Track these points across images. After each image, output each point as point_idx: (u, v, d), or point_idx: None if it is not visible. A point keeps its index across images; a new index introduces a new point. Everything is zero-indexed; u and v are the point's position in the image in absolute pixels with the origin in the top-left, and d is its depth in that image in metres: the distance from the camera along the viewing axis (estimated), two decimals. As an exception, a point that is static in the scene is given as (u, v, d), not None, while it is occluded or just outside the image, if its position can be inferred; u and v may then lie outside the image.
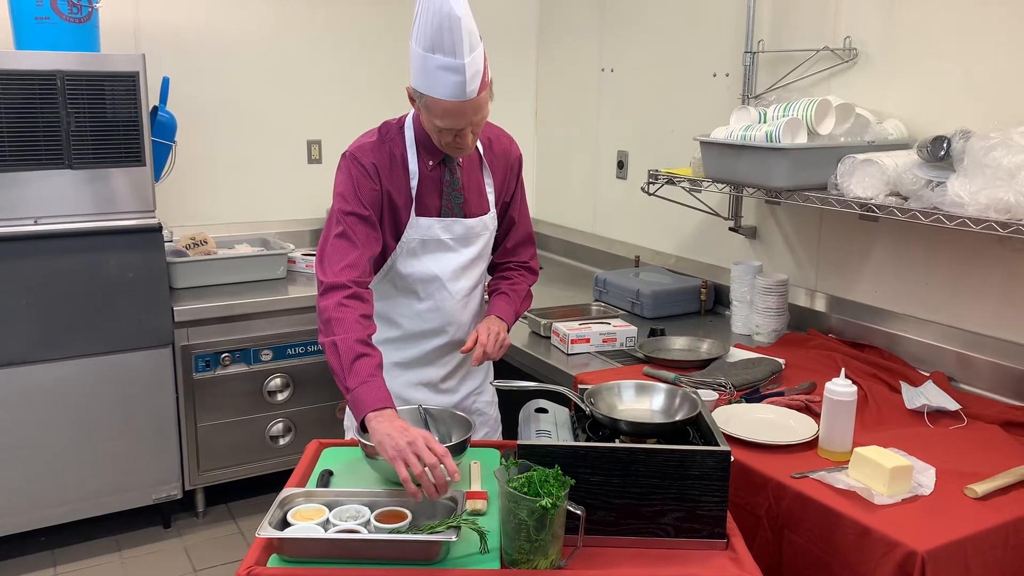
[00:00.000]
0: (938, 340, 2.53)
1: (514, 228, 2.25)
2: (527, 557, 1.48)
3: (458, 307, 2.14)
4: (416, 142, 2.04)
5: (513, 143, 2.21)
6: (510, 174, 2.19)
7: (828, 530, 1.75)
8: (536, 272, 2.32)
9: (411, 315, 2.12)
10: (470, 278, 2.15)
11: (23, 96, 2.80)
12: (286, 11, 3.81)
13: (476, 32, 1.84)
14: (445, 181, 2.06)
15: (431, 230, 2.06)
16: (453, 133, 1.92)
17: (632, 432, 1.69)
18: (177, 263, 3.34)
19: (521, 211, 2.26)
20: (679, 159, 3.24)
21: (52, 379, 3.01)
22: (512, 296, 2.20)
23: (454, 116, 1.87)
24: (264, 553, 1.52)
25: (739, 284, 2.95)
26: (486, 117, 1.95)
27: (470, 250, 2.12)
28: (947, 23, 2.45)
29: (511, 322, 2.17)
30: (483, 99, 1.88)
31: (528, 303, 2.28)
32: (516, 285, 2.24)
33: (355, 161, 2.00)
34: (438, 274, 2.09)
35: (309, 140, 3.97)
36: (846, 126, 2.56)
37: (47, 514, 3.10)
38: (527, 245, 2.30)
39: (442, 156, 2.04)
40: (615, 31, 3.74)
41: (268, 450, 3.44)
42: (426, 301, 2.11)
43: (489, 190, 2.14)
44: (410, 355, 2.15)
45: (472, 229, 2.11)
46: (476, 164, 2.13)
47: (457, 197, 2.08)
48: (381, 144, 2.03)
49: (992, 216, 2.04)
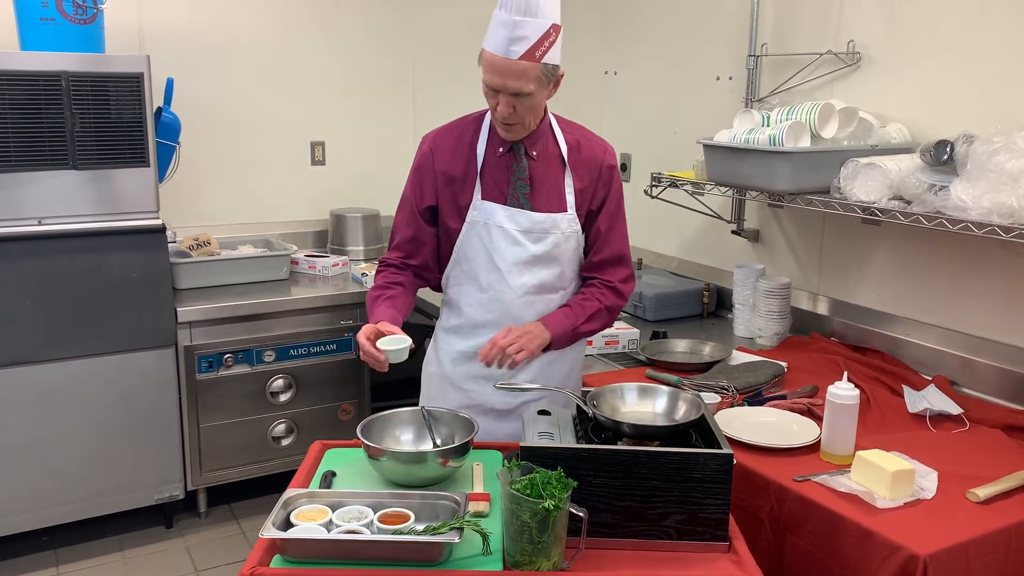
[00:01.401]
0: (940, 344, 2.53)
1: (600, 240, 2.12)
2: (529, 559, 1.48)
3: (519, 303, 2.08)
4: (491, 127, 2.08)
5: (607, 152, 2.14)
6: (599, 182, 2.10)
7: (830, 533, 1.75)
8: (623, 295, 2.14)
9: (473, 303, 2.11)
10: (535, 276, 2.07)
11: (28, 97, 2.81)
12: (290, 12, 3.82)
13: (549, 9, 1.90)
14: (512, 169, 2.07)
15: (494, 216, 2.05)
16: (496, 99, 1.94)
17: (635, 434, 1.69)
18: (180, 264, 3.35)
19: (612, 226, 2.13)
20: (682, 162, 3.24)
21: (55, 379, 3.02)
22: (575, 310, 2.07)
23: (493, 72, 1.89)
24: (267, 554, 1.53)
25: (741, 287, 2.95)
26: (531, 96, 1.92)
27: (537, 247, 2.06)
28: (950, 27, 2.45)
29: (561, 335, 2.04)
30: (526, 69, 1.87)
31: (599, 323, 2.11)
32: (586, 301, 2.09)
33: (421, 143, 2.14)
34: (498, 264, 2.07)
35: (313, 141, 3.98)
36: (849, 130, 2.56)
37: (50, 514, 3.10)
38: (616, 266, 2.14)
39: (511, 144, 2.06)
40: (618, 34, 3.74)
41: (270, 451, 3.45)
42: (487, 291, 2.09)
43: (568, 191, 2.08)
44: (471, 345, 2.12)
45: (539, 224, 2.06)
46: (555, 161, 2.09)
47: (523, 187, 2.06)
48: (453, 127, 2.13)
49: (995, 220, 2.05)
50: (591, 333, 2.14)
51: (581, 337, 2.12)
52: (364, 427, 1.82)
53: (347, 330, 3.48)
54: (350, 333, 3.47)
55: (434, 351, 2.25)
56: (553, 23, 1.90)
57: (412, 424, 1.90)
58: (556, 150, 2.10)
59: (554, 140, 2.10)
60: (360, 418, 2.58)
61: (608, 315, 2.13)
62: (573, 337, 2.08)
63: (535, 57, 1.88)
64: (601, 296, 2.11)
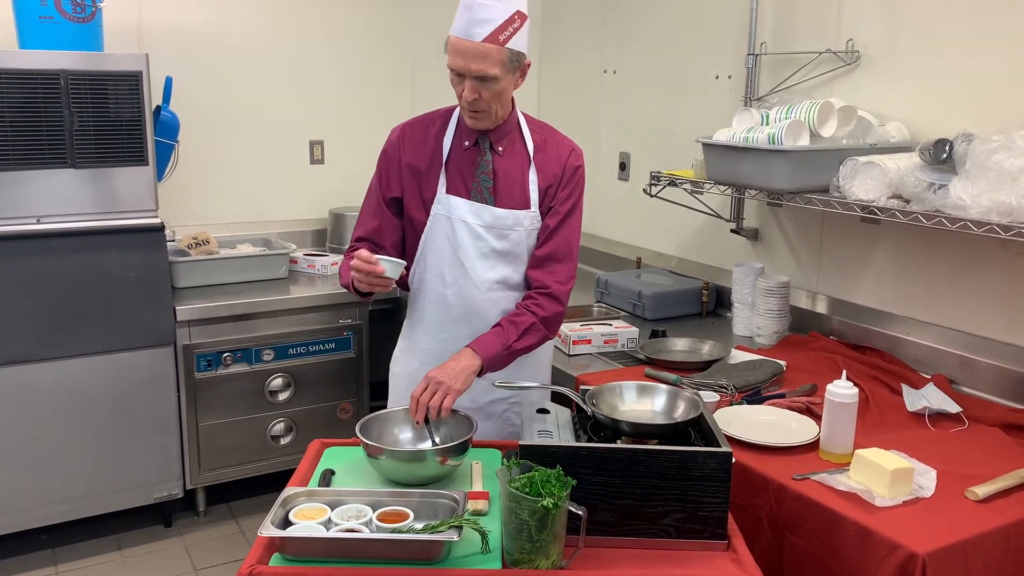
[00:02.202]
0: (939, 343, 2.53)
1: (548, 235, 2.09)
2: (528, 557, 1.48)
3: (482, 298, 2.09)
4: (459, 121, 2.10)
5: (573, 153, 2.13)
6: (560, 180, 2.10)
7: (829, 532, 1.75)
8: (560, 300, 2.08)
9: (437, 298, 2.12)
10: (498, 271, 2.09)
11: (27, 95, 2.81)
12: (290, 11, 3.82)
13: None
14: (476, 163, 2.08)
15: (458, 210, 2.07)
16: (461, 85, 1.94)
17: (634, 433, 1.70)
18: (179, 262, 3.35)
19: (563, 223, 2.10)
20: (681, 161, 3.24)
21: (54, 378, 3.02)
22: (507, 329, 2.00)
23: (457, 54, 1.91)
24: (266, 552, 1.53)
25: (740, 286, 2.95)
26: (496, 81, 1.92)
27: (500, 242, 2.08)
28: (949, 26, 2.45)
29: (492, 357, 1.96)
30: (490, 51, 1.88)
31: (535, 336, 2.04)
32: (518, 316, 2.03)
33: (391, 132, 2.16)
34: (462, 259, 2.08)
35: (312, 140, 3.97)
36: (848, 128, 2.56)
37: (48, 512, 3.10)
38: (560, 263, 2.10)
39: (477, 137, 2.07)
40: (617, 33, 3.74)
41: (269, 450, 3.44)
42: (452, 286, 2.10)
43: (532, 188, 2.09)
44: (439, 340, 2.12)
45: (502, 220, 2.07)
46: (521, 158, 2.10)
47: (486, 180, 2.07)
48: (422, 119, 2.15)
49: (994, 219, 2.05)
50: (528, 349, 2.05)
51: (517, 355, 2.03)
52: (363, 426, 1.83)
53: (346, 329, 3.47)
54: (349, 332, 3.47)
55: (401, 350, 2.25)
56: (518, 10, 1.92)
57: (411, 423, 1.90)
58: (523, 147, 2.11)
59: (521, 137, 2.11)
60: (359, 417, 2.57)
61: (545, 326, 2.05)
62: (507, 357, 2.00)
63: (499, 40, 1.89)
64: (536, 308, 2.05)
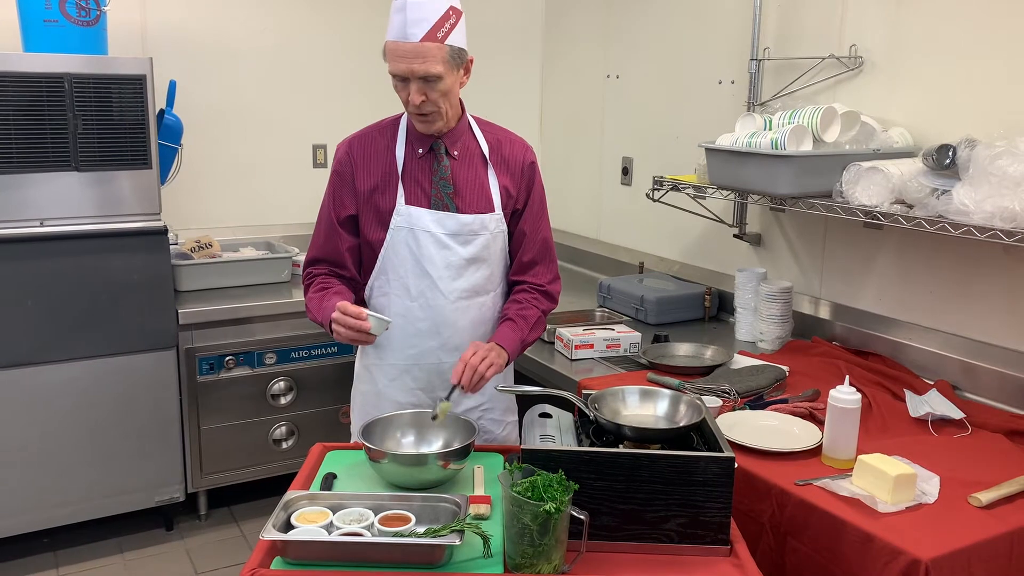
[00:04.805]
0: (942, 348, 2.52)
1: (527, 240, 2.12)
2: (530, 562, 1.48)
3: (451, 308, 2.04)
4: (408, 129, 2.06)
5: (528, 150, 2.15)
6: (521, 179, 2.11)
7: (832, 537, 1.74)
8: (554, 298, 2.17)
9: (403, 312, 2.05)
10: (467, 280, 2.05)
11: (30, 98, 2.82)
12: (293, 15, 3.82)
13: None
14: (433, 169, 2.05)
15: (420, 220, 2.02)
16: (406, 90, 1.93)
17: (636, 438, 1.69)
18: (182, 266, 3.35)
19: (536, 224, 2.14)
20: (684, 166, 3.24)
21: (56, 380, 3.02)
22: (519, 323, 2.06)
23: (397, 58, 1.89)
24: (267, 555, 1.53)
25: (743, 291, 2.95)
26: (441, 80, 1.90)
27: (467, 249, 2.04)
28: (953, 31, 2.45)
29: (514, 351, 2.03)
30: (430, 50, 1.87)
31: (540, 331, 2.12)
32: (525, 311, 2.08)
33: (337, 149, 2.11)
34: (429, 270, 2.03)
35: (315, 144, 3.98)
36: (851, 134, 2.56)
37: (50, 515, 3.10)
38: (545, 263, 2.16)
39: (431, 143, 2.04)
40: (620, 38, 3.75)
41: (271, 453, 3.44)
42: (418, 299, 2.04)
43: (494, 190, 2.08)
44: (405, 357, 2.08)
45: (467, 226, 2.03)
46: (478, 160, 2.08)
47: (446, 187, 2.04)
48: (367, 134, 2.11)
49: (997, 224, 2.04)
50: (533, 343, 2.12)
51: (527, 348, 2.10)
52: (365, 429, 1.83)
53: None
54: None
55: (365, 367, 2.17)
56: (451, 6, 1.91)
57: (413, 427, 1.90)
58: (477, 149, 2.09)
59: (474, 139, 2.10)
60: (361, 421, 2.59)
61: (542, 320, 2.13)
62: (521, 349, 2.07)
63: (437, 38, 1.88)
64: (537, 303, 2.11)
